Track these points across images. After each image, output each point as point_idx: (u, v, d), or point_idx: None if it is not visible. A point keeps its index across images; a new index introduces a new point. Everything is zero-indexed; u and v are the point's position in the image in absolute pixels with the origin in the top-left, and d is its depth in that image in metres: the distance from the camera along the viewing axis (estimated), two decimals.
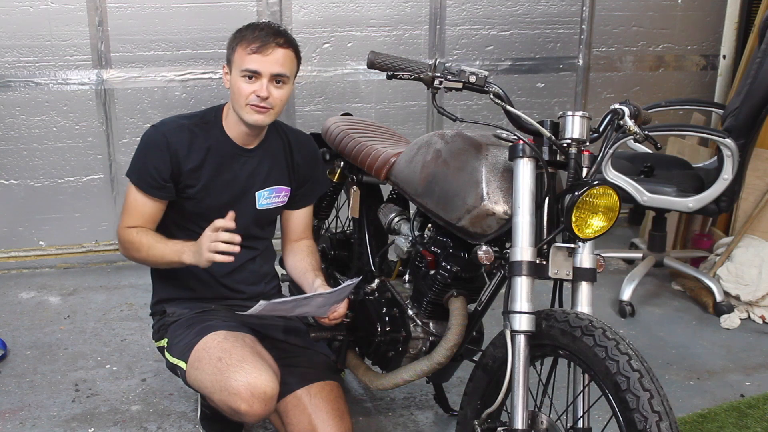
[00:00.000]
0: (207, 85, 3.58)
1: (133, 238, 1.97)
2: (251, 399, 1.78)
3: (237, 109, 1.94)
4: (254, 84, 1.89)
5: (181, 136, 1.97)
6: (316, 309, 1.92)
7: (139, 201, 1.99)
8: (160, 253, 1.95)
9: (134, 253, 1.99)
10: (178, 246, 1.93)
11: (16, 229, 3.57)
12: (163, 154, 1.95)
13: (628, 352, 1.45)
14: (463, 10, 3.83)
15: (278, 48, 1.89)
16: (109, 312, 3.11)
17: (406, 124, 3.88)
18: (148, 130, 2.01)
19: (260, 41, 1.87)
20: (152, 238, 1.98)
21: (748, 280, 3.13)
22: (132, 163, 2.01)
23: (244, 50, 1.88)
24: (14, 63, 3.39)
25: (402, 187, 2.05)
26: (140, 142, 2.00)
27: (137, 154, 2.00)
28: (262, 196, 2.07)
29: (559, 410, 1.66)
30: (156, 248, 1.96)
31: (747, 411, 2.40)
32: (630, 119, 1.65)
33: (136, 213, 2.00)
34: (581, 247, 1.63)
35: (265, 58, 1.88)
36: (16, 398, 2.44)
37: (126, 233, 1.99)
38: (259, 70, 1.88)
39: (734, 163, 2.90)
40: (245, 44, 1.89)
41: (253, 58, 1.87)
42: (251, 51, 1.87)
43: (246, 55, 1.88)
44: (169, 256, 1.94)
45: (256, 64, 1.88)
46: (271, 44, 1.88)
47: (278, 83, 1.91)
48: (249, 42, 1.88)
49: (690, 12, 4.18)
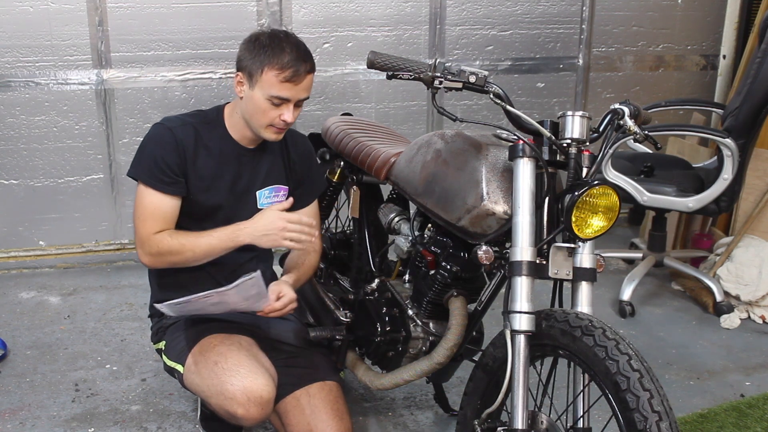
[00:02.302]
0: (207, 85, 3.58)
1: (168, 241, 1.90)
2: (248, 403, 1.78)
3: (254, 126, 1.93)
4: (280, 108, 1.88)
5: (186, 132, 1.96)
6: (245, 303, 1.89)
7: (154, 201, 1.93)
8: (206, 244, 1.90)
9: (172, 257, 1.92)
10: (227, 230, 1.90)
11: (16, 229, 3.57)
12: (172, 149, 1.92)
13: (628, 352, 1.46)
14: (463, 10, 3.83)
15: (308, 75, 1.88)
16: (109, 312, 3.11)
17: (406, 124, 3.88)
18: (153, 127, 1.97)
19: (293, 69, 1.84)
20: (189, 235, 1.92)
21: (748, 280, 3.13)
22: (138, 164, 1.95)
23: (276, 77, 1.84)
24: (14, 63, 3.39)
25: (402, 187, 2.05)
26: (145, 140, 1.96)
27: (144, 153, 1.95)
28: (262, 196, 2.07)
29: (559, 410, 1.66)
30: (200, 243, 1.90)
31: (747, 411, 2.40)
32: (630, 119, 1.65)
33: (156, 216, 1.92)
34: (581, 247, 1.63)
35: (296, 87, 1.87)
36: (16, 398, 2.44)
37: (156, 241, 1.91)
38: (289, 98, 1.87)
39: (734, 163, 2.90)
40: (277, 69, 1.84)
41: (285, 86, 1.85)
42: (284, 79, 1.84)
43: (278, 83, 1.84)
44: (220, 244, 1.90)
45: (287, 92, 1.86)
46: (302, 73, 1.86)
47: (299, 104, 1.92)
48: (282, 68, 1.84)
49: (690, 12, 4.18)
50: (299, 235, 1.89)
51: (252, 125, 1.94)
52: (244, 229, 1.90)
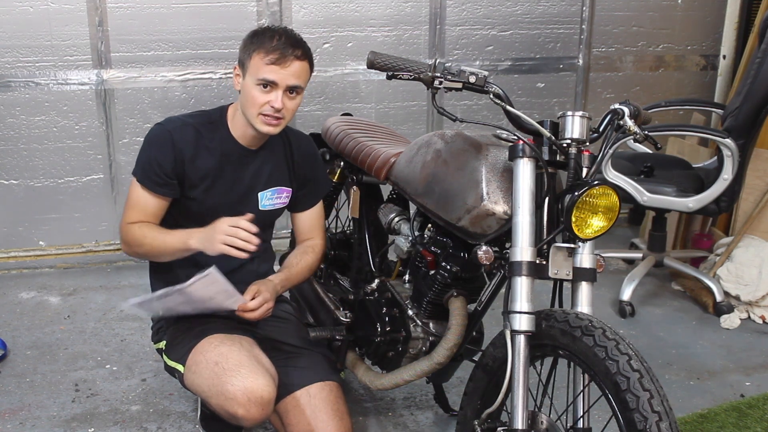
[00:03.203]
0: (207, 85, 3.58)
1: (135, 232, 1.96)
2: (248, 404, 1.78)
3: (248, 117, 1.94)
4: (269, 94, 1.88)
5: (186, 134, 1.96)
6: (214, 302, 1.88)
7: (141, 197, 1.98)
8: (162, 242, 1.93)
9: (136, 248, 1.98)
10: (184, 232, 1.92)
11: (16, 229, 3.57)
12: (167, 151, 1.94)
13: (628, 352, 1.45)
14: (463, 10, 3.83)
15: (296, 60, 1.88)
16: (109, 312, 3.11)
17: (406, 124, 3.88)
18: (153, 128, 1.99)
19: (279, 52, 1.86)
20: (154, 230, 1.96)
21: (748, 280, 3.13)
22: (137, 161, 1.99)
23: (262, 59, 1.86)
24: (14, 63, 3.39)
25: (402, 187, 2.05)
26: (145, 139, 1.99)
27: (141, 151, 1.99)
28: (264, 197, 2.07)
29: (559, 410, 1.66)
30: (158, 239, 1.94)
31: (747, 411, 2.40)
32: (630, 119, 1.65)
33: (138, 209, 1.99)
34: (581, 247, 1.63)
35: (283, 69, 1.87)
36: (16, 398, 2.44)
37: (128, 229, 1.98)
38: (276, 81, 1.87)
39: (734, 163, 2.90)
40: (263, 53, 1.86)
41: (271, 68, 1.86)
42: (269, 61, 1.86)
43: (264, 65, 1.86)
44: (173, 243, 1.92)
45: (273, 75, 1.86)
46: (289, 56, 1.87)
47: (292, 93, 1.92)
48: (267, 51, 1.86)
49: (690, 12, 4.18)
50: (234, 240, 1.80)
51: (247, 117, 1.94)
52: (196, 233, 1.89)
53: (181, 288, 1.81)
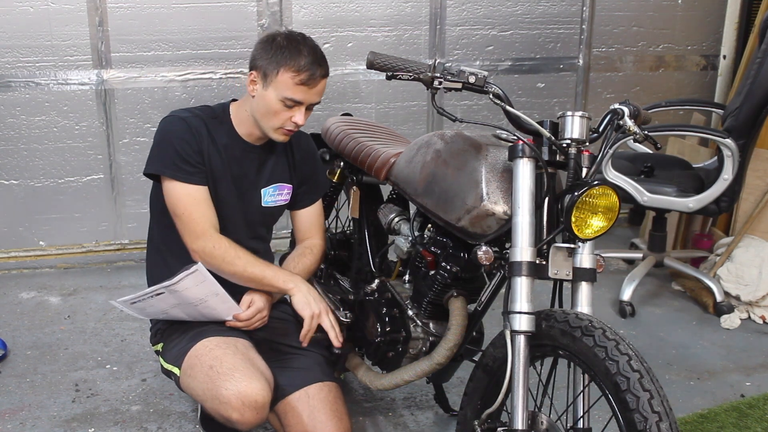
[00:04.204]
0: (207, 85, 3.58)
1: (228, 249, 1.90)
2: (242, 408, 1.77)
3: (263, 126, 1.94)
4: (292, 110, 1.90)
5: (198, 123, 1.95)
6: (208, 307, 1.89)
7: (192, 194, 1.91)
8: (260, 273, 1.92)
9: (225, 266, 1.91)
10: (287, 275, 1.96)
11: (16, 229, 3.57)
12: (190, 137, 1.91)
13: (628, 352, 1.45)
14: (463, 10, 3.83)
15: (322, 79, 1.90)
16: (109, 312, 3.11)
17: (406, 124, 3.88)
18: (166, 120, 1.95)
19: (308, 73, 1.85)
20: (249, 254, 1.94)
21: (748, 280, 3.13)
22: (159, 159, 1.91)
23: (292, 78, 1.85)
24: (14, 63, 3.39)
25: (402, 187, 2.05)
26: (159, 134, 1.93)
27: (161, 148, 1.92)
28: (267, 194, 2.08)
29: (559, 410, 1.66)
30: (256, 266, 1.92)
31: (747, 411, 2.40)
32: (630, 119, 1.65)
33: (202, 209, 1.91)
34: (581, 248, 1.62)
35: (310, 90, 1.88)
36: (16, 398, 2.44)
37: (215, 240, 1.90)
38: (302, 101, 1.89)
39: (734, 163, 2.90)
40: (293, 72, 1.85)
41: (300, 89, 1.87)
42: (300, 82, 1.86)
43: (293, 85, 1.86)
44: (272, 279, 1.93)
45: (302, 95, 1.88)
46: (318, 77, 1.88)
47: (310, 108, 1.94)
48: (298, 71, 1.85)
49: (690, 12, 4.18)
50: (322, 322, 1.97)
51: (262, 125, 1.94)
52: (301, 284, 1.96)
53: (170, 284, 1.81)
